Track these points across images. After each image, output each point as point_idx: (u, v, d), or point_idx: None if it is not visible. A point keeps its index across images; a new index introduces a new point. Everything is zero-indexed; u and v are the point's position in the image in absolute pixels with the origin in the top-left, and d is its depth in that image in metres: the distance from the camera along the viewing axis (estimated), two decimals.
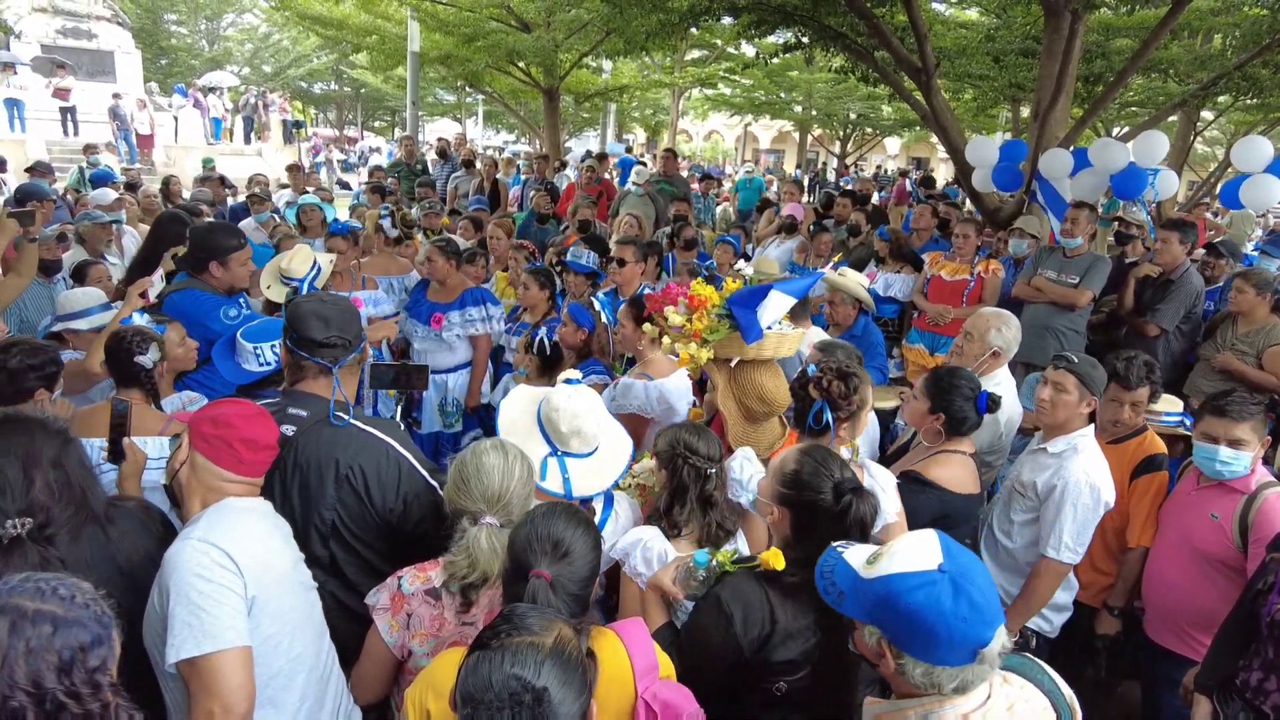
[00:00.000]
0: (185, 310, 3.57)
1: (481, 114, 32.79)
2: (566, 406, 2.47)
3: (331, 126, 40.59)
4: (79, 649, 1.24)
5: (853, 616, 1.61)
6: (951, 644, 1.46)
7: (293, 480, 2.34)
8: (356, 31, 15.89)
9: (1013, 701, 1.56)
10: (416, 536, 2.39)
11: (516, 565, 1.79)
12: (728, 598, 2.00)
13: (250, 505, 2.02)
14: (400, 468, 2.40)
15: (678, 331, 2.81)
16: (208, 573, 1.79)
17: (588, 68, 17.41)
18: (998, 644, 1.50)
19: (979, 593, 1.48)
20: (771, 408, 2.81)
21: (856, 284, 4.85)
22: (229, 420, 2.00)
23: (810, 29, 7.84)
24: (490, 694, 1.36)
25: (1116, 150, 6.19)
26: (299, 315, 2.45)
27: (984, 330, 3.62)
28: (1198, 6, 10.30)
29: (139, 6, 31.41)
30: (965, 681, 1.50)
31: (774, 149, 44.70)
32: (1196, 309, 5.33)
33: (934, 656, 1.48)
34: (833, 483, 2.00)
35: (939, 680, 1.50)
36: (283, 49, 34.91)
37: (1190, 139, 13.49)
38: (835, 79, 19.70)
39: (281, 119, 23.53)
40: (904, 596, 1.48)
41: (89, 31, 19.99)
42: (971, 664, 1.49)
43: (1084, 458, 3.03)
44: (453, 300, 4.86)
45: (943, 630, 1.45)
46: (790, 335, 2.88)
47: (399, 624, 2.03)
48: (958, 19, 14.94)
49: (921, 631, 1.47)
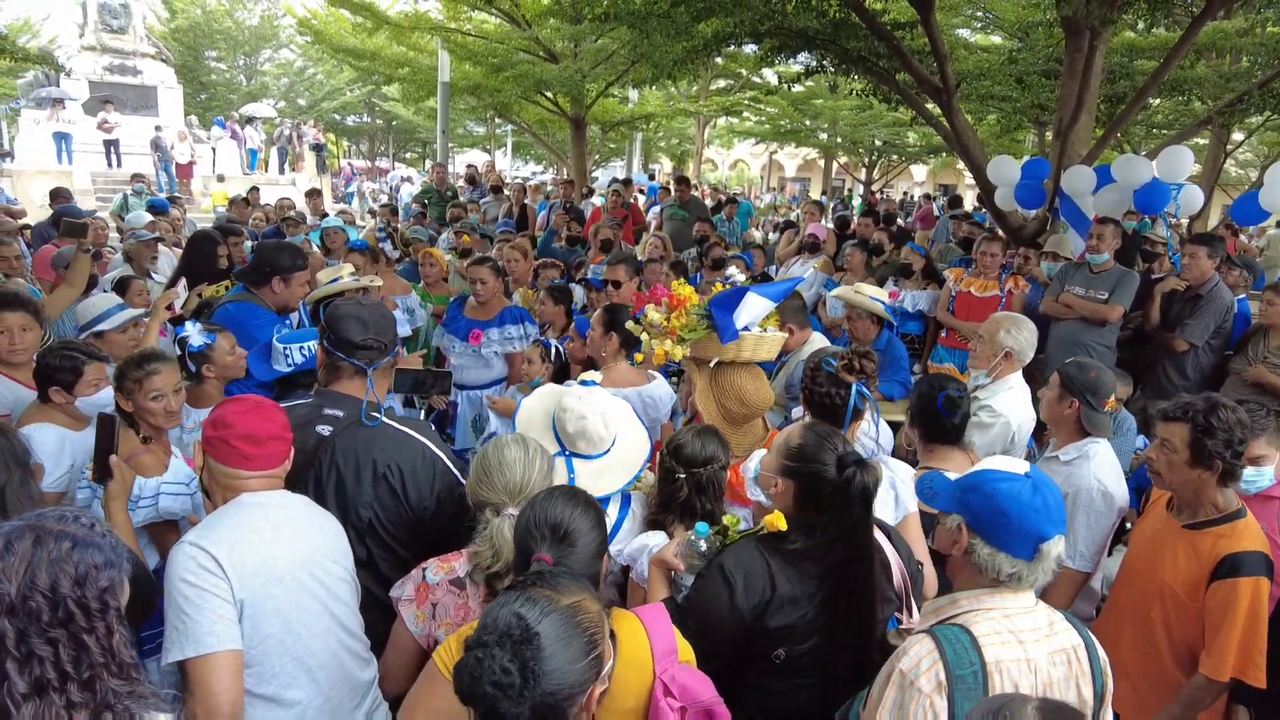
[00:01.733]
0: (240, 321, 3.64)
1: (510, 145, 33.35)
2: (574, 408, 2.49)
3: (364, 158, 41.48)
4: (93, 567, 1.35)
5: (941, 509, 1.85)
6: (1021, 530, 1.69)
7: (329, 479, 2.38)
8: (389, 63, 16.34)
9: (1053, 621, 1.77)
10: (447, 531, 2.42)
11: (521, 552, 1.84)
12: (730, 565, 2.05)
13: (263, 500, 2.02)
14: (435, 467, 2.45)
15: (656, 329, 2.85)
16: (192, 576, 1.82)
17: (614, 97, 17.69)
18: (1056, 549, 1.71)
19: (1053, 498, 1.73)
20: (751, 410, 2.83)
21: (872, 299, 4.85)
22: (225, 420, 2.00)
23: (831, 53, 7.95)
24: (488, 630, 1.37)
25: (1139, 165, 6.17)
26: (337, 317, 2.49)
27: (994, 332, 3.62)
28: (1222, 28, 10.28)
29: (182, 44, 32.54)
30: (1020, 573, 1.71)
31: (799, 176, 44.82)
32: (1227, 323, 5.26)
33: (1002, 540, 1.71)
34: (836, 455, 2.05)
35: (999, 564, 1.72)
36: (317, 83, 35.89)
37: (1221, 160, 13.37)
38: (860, 106, 19.88)
39: (315, 145, 24.12)
40: (992, 483, 1.74)
41: (134, 68, 20.72)
42: (1029, 560, 1.70)
43: (1095, 463, 3.01)
44: (492, 317, 4.91)
45: (1015, 514, 1.69)
46: (769, 339, 2.90)
47: (424, 614, 2.06)
48: (980, 44, 15.01)
49: (998, 513, 1.71)
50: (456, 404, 4.98)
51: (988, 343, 3.63)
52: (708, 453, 2.44)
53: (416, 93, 18.31)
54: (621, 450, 2.59)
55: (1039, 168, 6.97)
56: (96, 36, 20.26)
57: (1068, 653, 1.74)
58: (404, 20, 16.01)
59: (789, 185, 41.11)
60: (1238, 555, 2.41)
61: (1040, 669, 1.69)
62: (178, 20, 33.50)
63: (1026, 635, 1.71)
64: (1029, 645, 1.70)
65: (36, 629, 1.28)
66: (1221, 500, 2.53)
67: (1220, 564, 2.43)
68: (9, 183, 15.35)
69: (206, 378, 3.33)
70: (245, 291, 3.90)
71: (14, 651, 1.27)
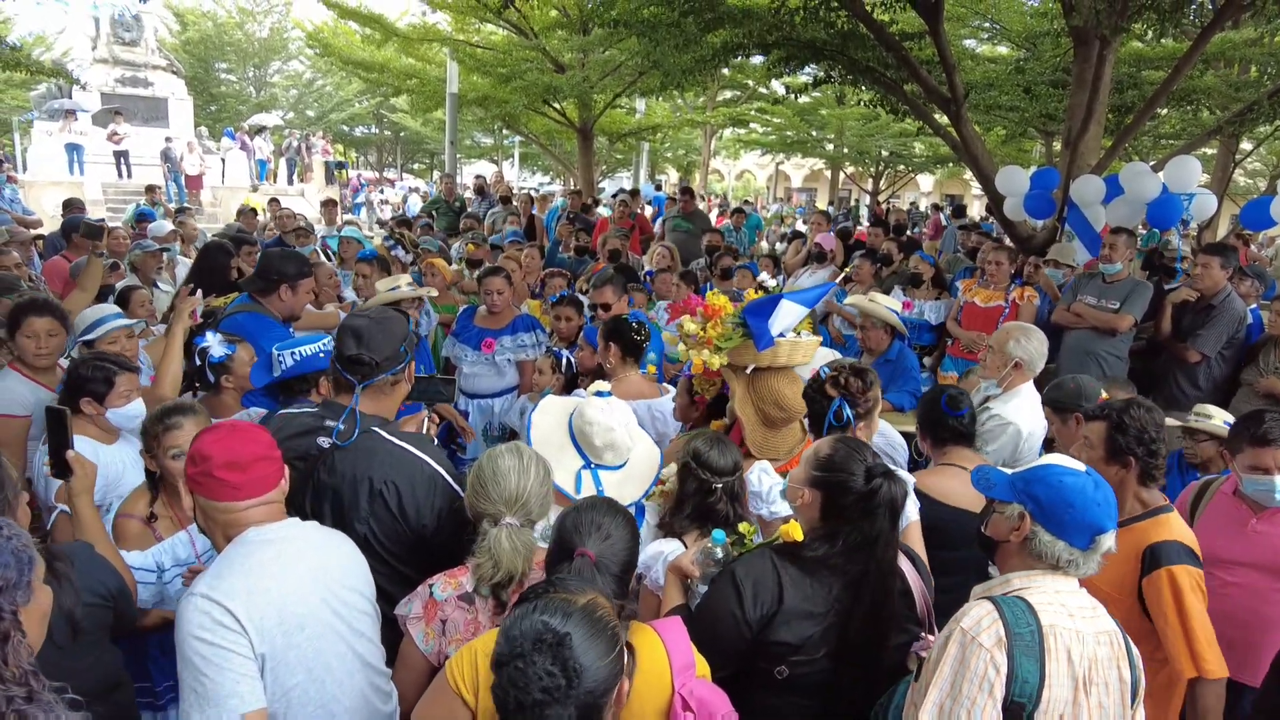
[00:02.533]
0: (249, 330, 3.63)
1: (518, 156, 33.50)
2: (601, 420, 2.49)
3: (372, 169, 41.72)
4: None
5: (1001, 498, 1.92)
6: (1083, 521, 1.80)
7: (325, 494, 2.33)
8: (397, 75, 16.43)
9: (1097, 606, 1.86)
10: (448, 548, 2.37)
11: (562, 545, 1.87)
12: (741, 574, 2.05)
13: (270, 535, 1.88)
14: (435, 483, 2.39)
15: (693, 339, 2.86)
16: (208, 634, 1.69)
17: (621, 108, 17.77)
18: (1108, 542, 1.82)
19: (1111, 495, 1.85)
20: (790, 414, 2.85)
21: (887, 309, 4.85)
22: (203, 452, 1.84)
23: (840, 63, 7.97)
24: (519, 642, 1.39)
25: (1148, 175, 6.17)
26: (341, 328, 2.47)
27: (1004, 342, 3.64)
28: (1231, 38, 10.28)
29: (192, 56, 32.86)
30: (1077, 561, 1.82)
31: (806, 187, 44.87)
32: (1239, 334, 5.23)
33: (1063, 529, 1.81)
34: (865, 466, 2.05)
35: (1059, 552, 1.82)
36: (326, 94, 36.15)
37: (1230, 169, 13.34)
38: (866, 116, 19.89)
39: (324, 160, 24.28)
40: (1059, 476, 1.85)
41: (145, 80, 20.93)
42: (1085, 550, 1.81)
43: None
44: (504, 326, 4.93)
45: (1080, 506, 1.79)
46: (804, 343, 2.93)
47: (434, 631, 2.03)
48: (987, 55, 15.03)
49: (1063, 504, 1.81)
50: (468, 413, 4.98)
51: (998, 353, 3.65)
52: (734, 460, 2.45)
53: (425, 104, 18.39)
54: (637, 460, 2.60)
55: (1048, 177, 6.97)
56: (109, 49, 20.49)
57: (1110, 635, 1.82)
58: (412, 32, 16.11)
59: (795, 195, 41.16)
60: (1156, 546, 2.48)
61: (1088, 641, 1.77)
62: (189, 32, 33.85)
63: (1075, 610, 1.80)
64: (1078, 619, 1.79)
65: None
66: (1145, 496, 2.62)
67: (1143, 559, 2.49)
68: (21, 193, 15.45)
69: (225, 389, 3.32)
70: (251, 301, 3.89)
71: None
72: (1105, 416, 2.65)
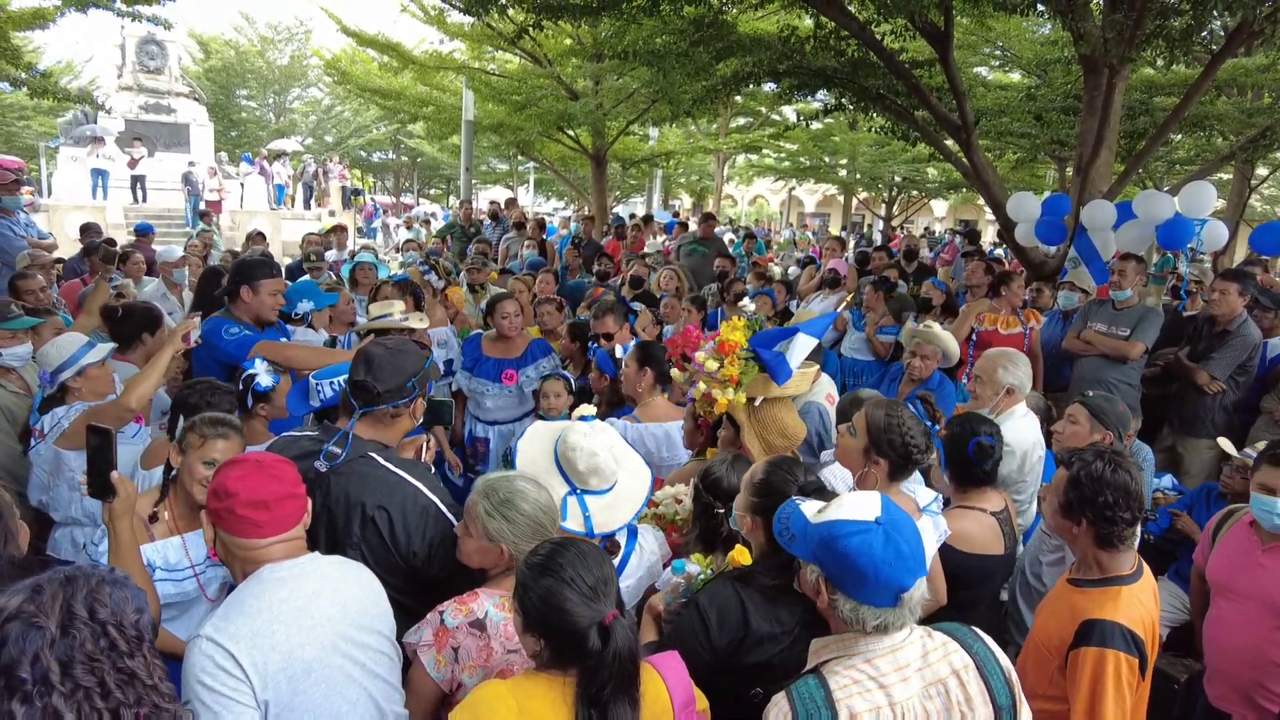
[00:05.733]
0: (205, 333, 3.69)
1: (532, 181, 33.82)
2: (584, 445, 2.45)
3: (389, 194, 42.22)
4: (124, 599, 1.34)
5: (800, 557, 1.78)
6: (878, 584, 1.64)
7: (320, 518, 2.32)
8: (414, 102, 16.69)
9: (928, 651, 1.72)
10: (441, 578, 2.36)
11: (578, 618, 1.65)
12: (705, 602, 2.05)
13: (284, 574, 1.85)
14: (428, 513, 2.36)
15: (713, 378, 2.86)
16: (210, 679, 1.68)
17: (634, 135, 17.94)
18: (918, 592, 1.68)
19: (906, 545, 1.67)
20: (791, 441, 2.88)
21: (948, 337, 4.81)
22: (227, 488, 1.83)
23: (850, 91, 8.03)
24: None
25: (1162, 201, 6.15)
26: (358, 352, 2.50)
27: (992, 371, 3.65)
28: (1243, 64, 10.28)
29: (214, 83, 33.53)
30: (886, 622, 1.67)
31: (819, 212, 44.99)
32: (1253, 361, 5.18)
33: (861, 595, 1.66)
34: (797, 485, 2.06)
35: (863, 617, 1.67)
36: (344, 120, 36.73)
37: (1245, 195, 13.27)
38: (879, 142, 19.99)
39: (341, 185, 24.60)
40: (842, 540, 1.67)
41: (168, 106, 21.35)
42: (893, 607, 1.66)
43: None
44: (521, 355, 4.91)
45: (870, 571, 1.64)
46: (807, 373, 2.96)
47: (446, 659, 2.01)
48: (998, 81, 15.09)
49: (853, 571, 1.65)
50: (488, 439, 4.98)
51: (988, 382, 3.66)
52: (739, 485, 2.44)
53: (441, 130, 18.66)
54: (625, 483, 2.56)
55: (1059, 204, 6.96)
56: (134, 77, 20.93)
57: (945, 682, 1.69)
58: (429, 60, 16.37)
59: (809, 221, 41.28)
60: (1093, 622, 2.20)
61: (909, 710, 1.65)
62: (211, 60, 34.58)
63: (891, 677, 1.66)
64: (894, 688, 1.65)
65: (81, 656, 1.26)
66: (1105, 560, 2.31)
67: (1078, 630, 2.22)
68: (45, 217, 15.74)
69: (257, 416, 3.34)
70: (224, 310, 3.92)
71: (60, 687, 1.23)
72: (1068, 464, 2.34)
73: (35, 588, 1.30)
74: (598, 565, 1.70)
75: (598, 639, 1.59)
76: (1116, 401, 3.14)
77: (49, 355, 3.40)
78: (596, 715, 1.58)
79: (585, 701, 1.58)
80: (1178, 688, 3.27)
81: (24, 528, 1.86)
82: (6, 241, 6.75)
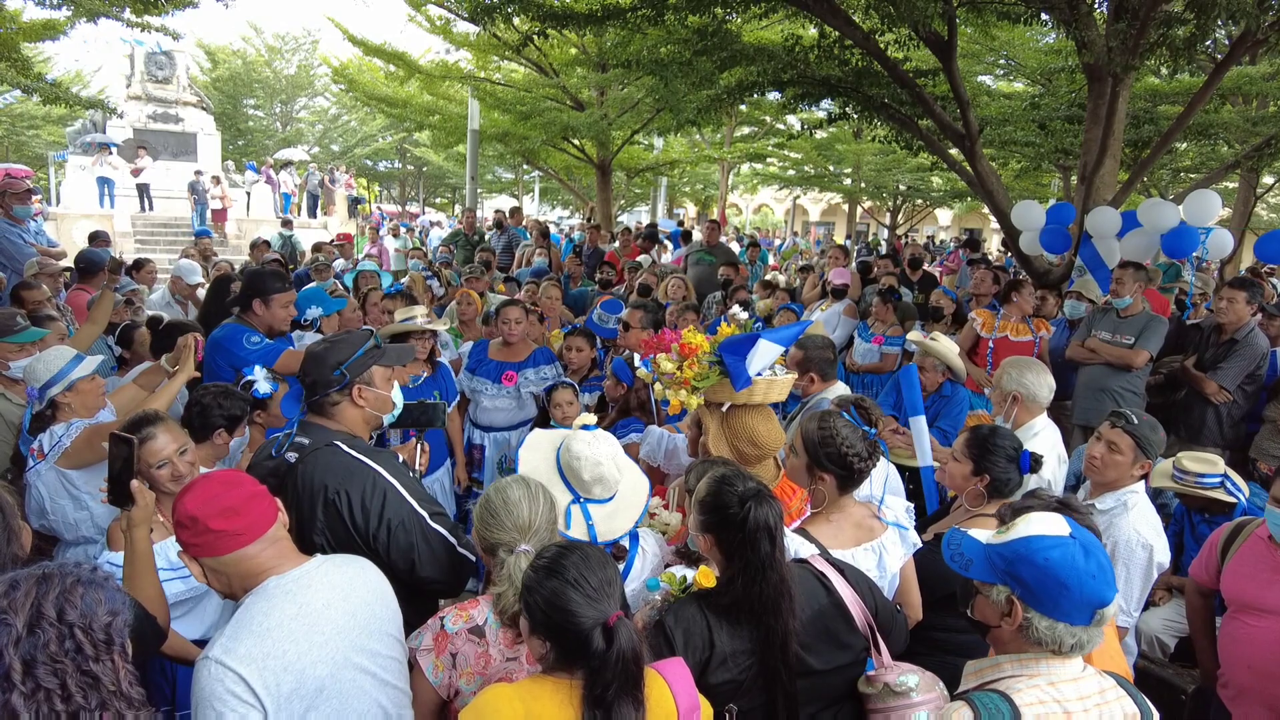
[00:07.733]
0: (219, 340, 3.76)
1: (537, 190, 33.93)
2: (588, 454, 2.45)
3: (395, 203, 42.39)
4: (98, 602, 1.36)
5: (981, 580, 1.72)
6: (1081, 599, 1.59)
7: (291, 508, 2.32)
8: (420, 111, 16.76)
9: (1104, 689, 1.66)
10: (421, 582, 2.40)
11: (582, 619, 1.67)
12: (670, 623, 2.03)
13: (290, 586, 1.78)
14: (386, 495, 2.39)
15: (669, 378, 2.87)
16: (220, 705, 1.62)
17: (639, 144, 17.99)
18: (1112, 609, 1.62)
19: (1105, 558, 1.64)
20: (763, 451, 2.84)
21: (950, 350, 4.79)
22: (190, 514, 1.74)
23: (854, 100, 8.05)
24: None
25: (1166, 210, 6.14)
26: None
27: (998, 377, 3.68)
28: (1247, 72, 10.28)
29: (222, 93, 33.74)
30: (1081, 642, 1.63)
31: (824, 221, 44.98)
32: (1261, 369, 5.16)
33: (1060, 611, 1.60)
34: (736, 495, 2.04)
35: (1060, 636, 1.62)
36: (350, 129, 36.92)
37: (1251, 204, 13.25)
38: (883, 151, 19.97)
39: (346, 194, 24.70)
40: (1042, 553, 1.62)
41: (176, 116, 21.50)
42: (1088, 625, 1.61)
43: (1135, 515, 2.91)
44: (524, 358, 4.94)
45: (1074, 584, 1.58)
46: (780, 381, 2.92)
47: (444, 664, 2.02)
48: (1002, 90, 15.11)
49: (1054, 585, 1.60)
50: (483, 446, 4.99)
51: (996, 389, 3.68)
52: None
53: (446, 139, 18.73)
54: (626, 490, 2.57)
55: (1064, 212, 6.96)
56: (142, 86, 21.09)
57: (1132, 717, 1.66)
58: (435, 70, 16.46)
59: (813, 230, 41.27)
60: None
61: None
62: (219, 70, 34.79)
63: (1074, 705, 1.61)
64: (1076, 716, 1.60)
65: (45, 657, 1.27)
66: None
67: None
68: (53, 226, 15.84)
69: (254, 423, 3.38)
70: (235, 319, 4.03)
71: (20, 686, 1.24)
72: None
73: (12, 583, 1.31)
74: (601, 567, 1.73)
75: (602, 639, 1.61)
76: (1157, 426, 3.03)
77: (36, 370, 3.20)
78: (601, 716, 1.59)
79: (591, 703, 1.59)
80: (1185, 698, 3.25)
81: (26, 527, 1.87)
82: (17, 249, 6.80)
